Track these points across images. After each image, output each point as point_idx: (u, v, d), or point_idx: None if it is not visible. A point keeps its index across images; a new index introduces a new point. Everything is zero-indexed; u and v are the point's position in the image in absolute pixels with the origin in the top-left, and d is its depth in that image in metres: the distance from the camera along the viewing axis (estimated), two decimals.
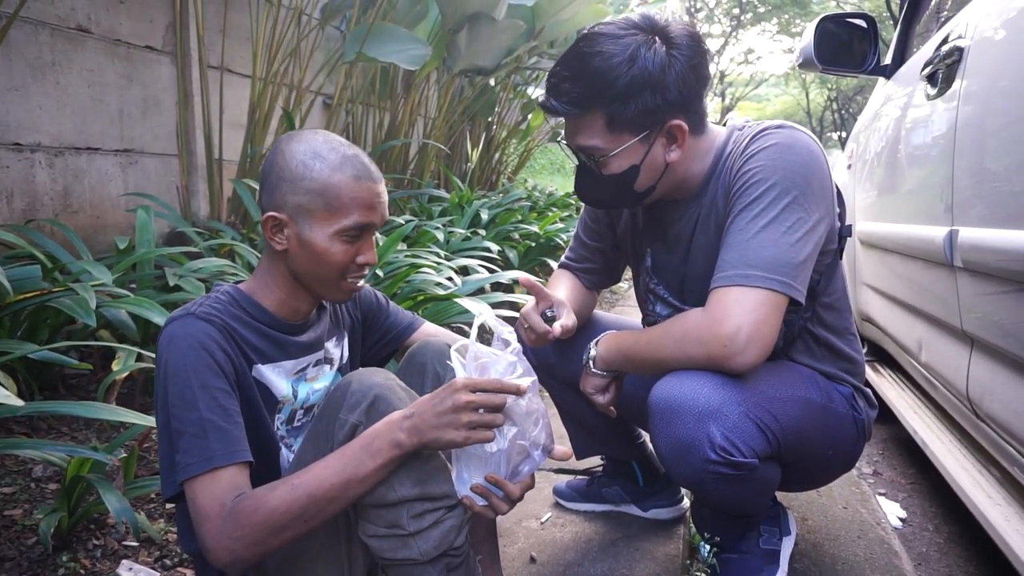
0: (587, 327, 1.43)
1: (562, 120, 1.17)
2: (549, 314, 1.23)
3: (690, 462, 1.06)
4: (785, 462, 1.18)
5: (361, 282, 1.05)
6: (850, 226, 1.22)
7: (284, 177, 0.97)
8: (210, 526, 0.85)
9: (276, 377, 1.04)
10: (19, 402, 1.15)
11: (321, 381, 1.11)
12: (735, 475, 1.06)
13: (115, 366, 1.59)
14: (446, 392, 0.88)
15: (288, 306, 1.05)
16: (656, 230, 1.30)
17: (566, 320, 1.20)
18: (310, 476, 0.86)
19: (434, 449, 0.90)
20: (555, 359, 1.44)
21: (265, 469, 1.00)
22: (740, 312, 1.01)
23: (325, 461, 0.88)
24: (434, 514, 0.91)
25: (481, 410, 0.88)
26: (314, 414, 1.09)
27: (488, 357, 0.94)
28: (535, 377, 0.96)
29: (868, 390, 1.30)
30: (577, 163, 1.19)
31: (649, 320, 1.35)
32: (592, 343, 1.24)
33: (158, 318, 1.68)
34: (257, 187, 1.10)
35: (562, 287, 1.41)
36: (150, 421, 1.26)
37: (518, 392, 0.90)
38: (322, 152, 0.98)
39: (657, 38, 1.07)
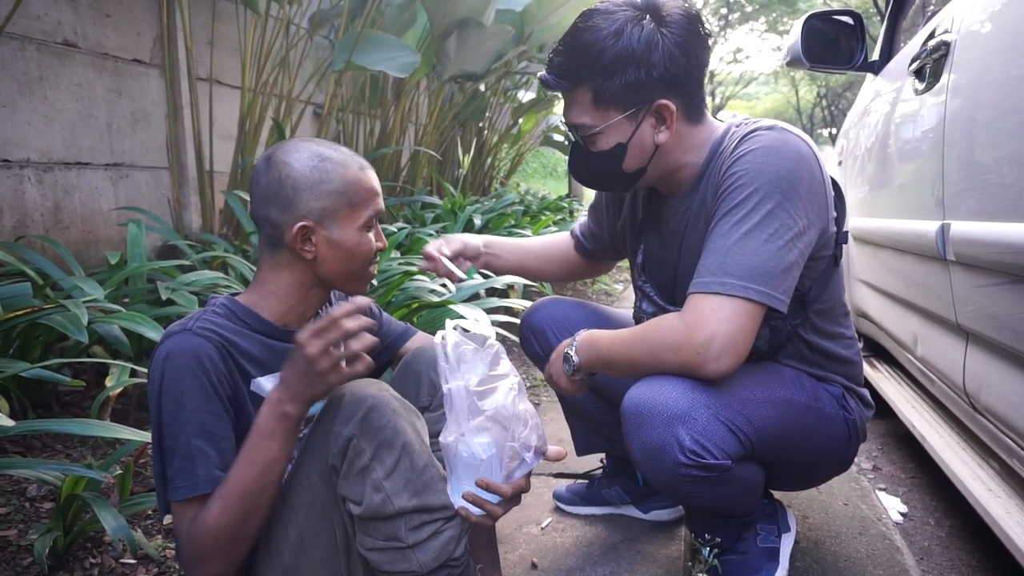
0: (578, 318, 1.44)
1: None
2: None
3: (662, 466, 1.06)
4: (767, 462, 1.17)
5: (375, 268, 1.09)
6: (846, 232, 1.19)
7: (301, 186, 0.98)
8: (186, 552, 0.90)
9: None
10: (9, 422, 1.14)
11: None
12: (708, 477, 1.06)
13: (109, 382, 1.59)
14: (295, 354, 0.89)
15: (295, 312, 1.05)
16: (653, 225, 1.30)
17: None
18: (232, 482, 0.89)
19: (325, 396, 0.93)
20: None
21: None
22: (716, 321, 1.00)
23: (236, 464, 0.91)
24: (432, 525, 0.91)
25: (334, 348, 0.87)
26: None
27: (470, 350, 0.95)
28: (519, 378, 0.97)
29: (864, 390, 1.29)
30: (571, 141, 1.20)
31: (636, 316, 1.35)
32: (572, 347, 1.21)
33: (151, 333, 1.66)
34: (249, 199, 1.11)
35: (541, 241, 1.60)
36: (145, 437, 1.25)
37: (351, 312, 0.87)
38: (326, 154, 1.00)
39: (648, 15, 1.08)
